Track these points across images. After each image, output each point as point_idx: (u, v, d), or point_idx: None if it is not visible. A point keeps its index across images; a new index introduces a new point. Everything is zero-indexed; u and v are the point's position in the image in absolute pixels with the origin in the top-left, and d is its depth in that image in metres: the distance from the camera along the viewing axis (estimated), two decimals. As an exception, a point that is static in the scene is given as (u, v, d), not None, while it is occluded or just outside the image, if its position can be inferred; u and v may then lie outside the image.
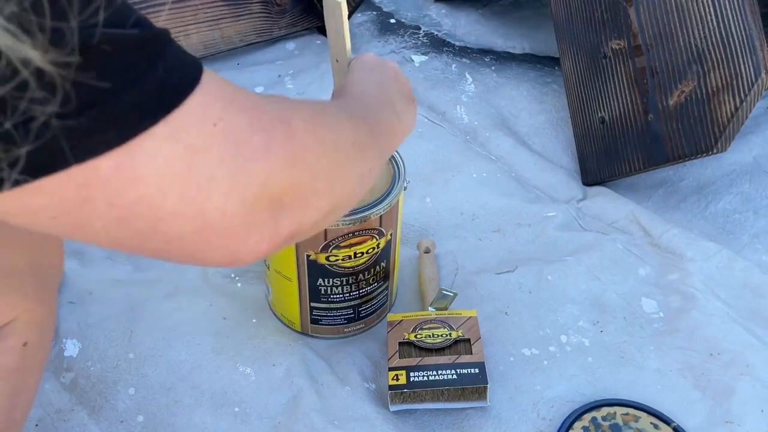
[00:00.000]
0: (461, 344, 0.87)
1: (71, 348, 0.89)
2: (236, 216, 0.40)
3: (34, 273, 0.61)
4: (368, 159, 0.53)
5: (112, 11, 0.34)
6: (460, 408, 0.84)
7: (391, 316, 0.91)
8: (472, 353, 0.85)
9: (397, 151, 0.88)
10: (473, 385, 0.82)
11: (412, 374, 0.83)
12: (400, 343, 0.87)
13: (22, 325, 0.61)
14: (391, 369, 0.84)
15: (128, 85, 0.35)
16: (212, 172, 0.38)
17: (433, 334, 0.87)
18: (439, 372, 0.83)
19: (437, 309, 0.92)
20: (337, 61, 0.76)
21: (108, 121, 0.34)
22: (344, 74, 0.72)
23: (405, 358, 0.85)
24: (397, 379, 0.83)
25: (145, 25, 0.36)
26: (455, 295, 0.93)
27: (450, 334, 0.87)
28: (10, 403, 0.63)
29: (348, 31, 0.73)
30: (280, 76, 1.40)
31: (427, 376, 0.83)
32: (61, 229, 0.37)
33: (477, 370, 0.83)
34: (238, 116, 0.39)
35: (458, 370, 0.83)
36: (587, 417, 0.83)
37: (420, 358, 0.85)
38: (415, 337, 0.87)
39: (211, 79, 0.39)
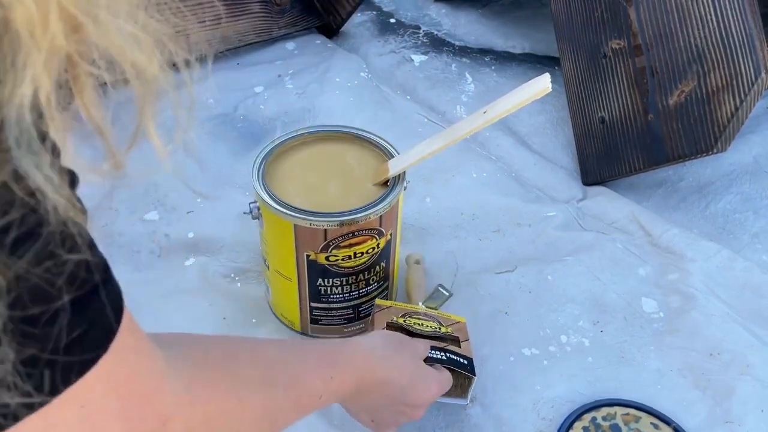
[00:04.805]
0: (450, 339, 0.82)
1: (71, 348, 0.89)
2: None
3: None
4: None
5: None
6: (442, 403, 0.80)
7: (379, 301, 0.87)
8: (460, 348, 0.81)
9: (397, 151, 0.88)
10: (462, 371, 0.78)
11: None
12: (389, 324, 0.81)
13: None
14: None
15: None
16: None
17: (422, 323, 0.83)
18: (430, 353, 0.77)
19: (428, 307, 0.90)
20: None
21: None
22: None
23: None
24: None
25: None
26: (450, 295, 0.93)
27: (439, 328, 0.83)
28: None
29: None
30: (279, 75, 1.40)
31: None
32: None
33: (466, 362, 0.79)
34: (136, 400, 0.41)
35: (448, 355, 0.78)
36: (587, 417, 0.83)
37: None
38: (404, 321, 0.82)
39: (122, 351, 0.39)
